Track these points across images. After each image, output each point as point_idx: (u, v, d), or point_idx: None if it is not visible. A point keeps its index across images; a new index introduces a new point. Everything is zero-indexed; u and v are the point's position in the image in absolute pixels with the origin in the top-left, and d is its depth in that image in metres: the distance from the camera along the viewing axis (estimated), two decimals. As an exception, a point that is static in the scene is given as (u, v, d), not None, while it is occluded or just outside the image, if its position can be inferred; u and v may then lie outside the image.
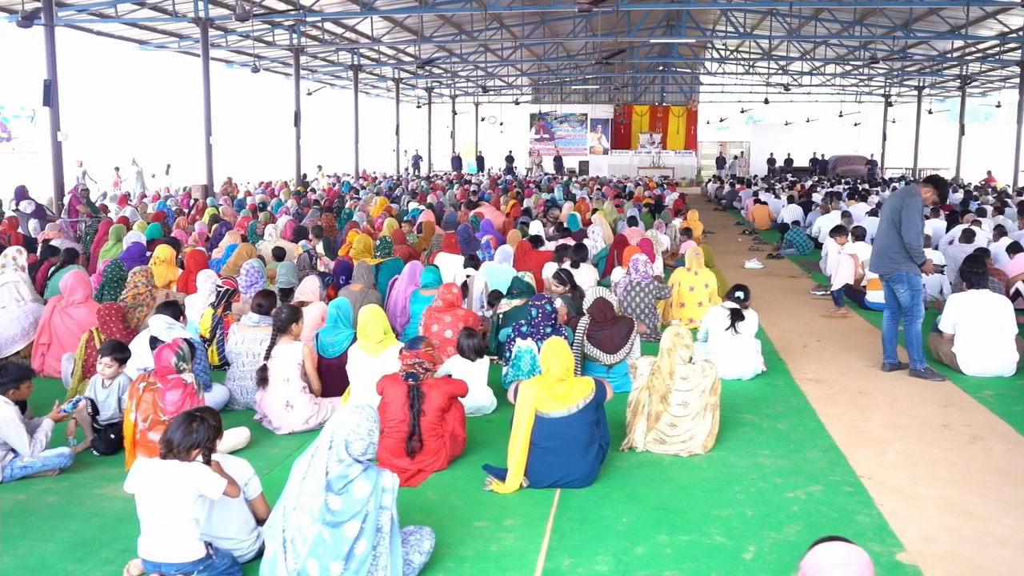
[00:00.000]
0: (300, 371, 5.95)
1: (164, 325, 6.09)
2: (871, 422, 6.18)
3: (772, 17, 26.97)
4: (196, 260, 9.10)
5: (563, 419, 4.87)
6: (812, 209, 18.55)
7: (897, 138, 42.09)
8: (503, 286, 9.27)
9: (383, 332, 6.03)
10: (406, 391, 5.16)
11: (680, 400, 5.44)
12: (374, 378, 5.81)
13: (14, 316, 7.39)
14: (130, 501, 4.62)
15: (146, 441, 5.13)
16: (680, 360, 5.47)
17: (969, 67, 32.02)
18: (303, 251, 10.27)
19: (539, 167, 42.82)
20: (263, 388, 5.90)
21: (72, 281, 7.46)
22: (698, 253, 9.51)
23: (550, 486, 4.92)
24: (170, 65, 29.31)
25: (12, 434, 4.97)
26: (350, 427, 3.71)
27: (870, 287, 10.37)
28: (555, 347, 4.98)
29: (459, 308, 7.37)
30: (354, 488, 3.69)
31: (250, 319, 6.47)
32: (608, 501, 4.80)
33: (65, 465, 5.16)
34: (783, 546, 4.26)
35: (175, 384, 5.19)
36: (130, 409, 5.16)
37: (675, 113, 45.51)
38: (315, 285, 7.70)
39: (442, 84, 41.45)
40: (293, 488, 3.74)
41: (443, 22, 26.87)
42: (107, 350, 5.54)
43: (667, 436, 5.49)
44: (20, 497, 4.84)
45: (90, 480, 5.11)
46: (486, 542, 4.31)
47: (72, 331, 7.22)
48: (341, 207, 17.72)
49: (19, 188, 14.76)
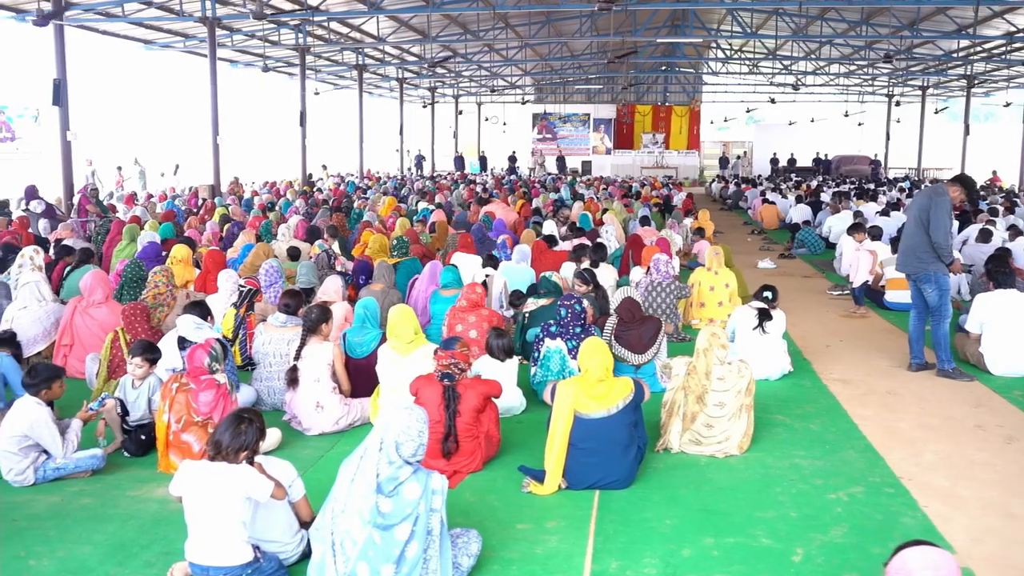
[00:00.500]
0: (330, 372, 5.90)
1: (192, 325, 6.03)
2: (903, 423, 6.13)
3: (778, 17, 26.90)
4: (214, 260, 9.05)
5: (602, 420, 4.82)
6: (822, 209, 18.48)
7: (900, 138, 42.04)
8: (522, 286, 9.24)
9: (413, 332, 5.98)
10: (441, 392, 5.11)
11: (717, 401, 5.39)
12: (405, 378, 5.77)
13: (36, 316, 7.32)
14: (166, 503, 4.62)
15: (179, 442, 5.09)
16: (716, 360, 5.42)
17: (974, 67, 31.95)
18: (321, 251, 10.21)
19: (542, 167, 42.75)
20: (293, 389, 5.84)
21: (91, 281, 7.41)
22: (718, 253, 9.47)
23: (589, 487, 4.87)
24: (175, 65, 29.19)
25: (45, 435, 4.92)
26: (400, 428, 3.66)
27: (889, 286, 10.33)
28: (594, 347, 4.93)
29: (483, 308, 7.32)
30: (404, 490, 3.65)
31: (277, 319, 6.41)
32: (649, 503, 4.75)
33: (98, 467, 5.11)
34: (831, 548, 4.21)
35: (208, 385, 5.14)
36: (163, 410, 5.12)
37: (678, 113, 45.48)
38: (338, 285, 7.65)
39: (445, 84, 41.37)
40: (341, 490, 3.69)
41: (448, 22, 26.80)
42: (138, 350, 5.48)
43: (703, 437, 5.44)
44: (54, 499, 4.79)
45: (123, 482, 5.05)
46: (530, 544, 4.26)
47: (94, 331, 7.17)
48: (350, 207, 17.66)
49: (29, 188, 14.69)
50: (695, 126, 45.52)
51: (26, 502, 4.74)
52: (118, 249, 11.24)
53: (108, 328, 7.20)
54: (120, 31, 23.01)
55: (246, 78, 32.11)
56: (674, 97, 46.77)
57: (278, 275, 8.71)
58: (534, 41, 29.85)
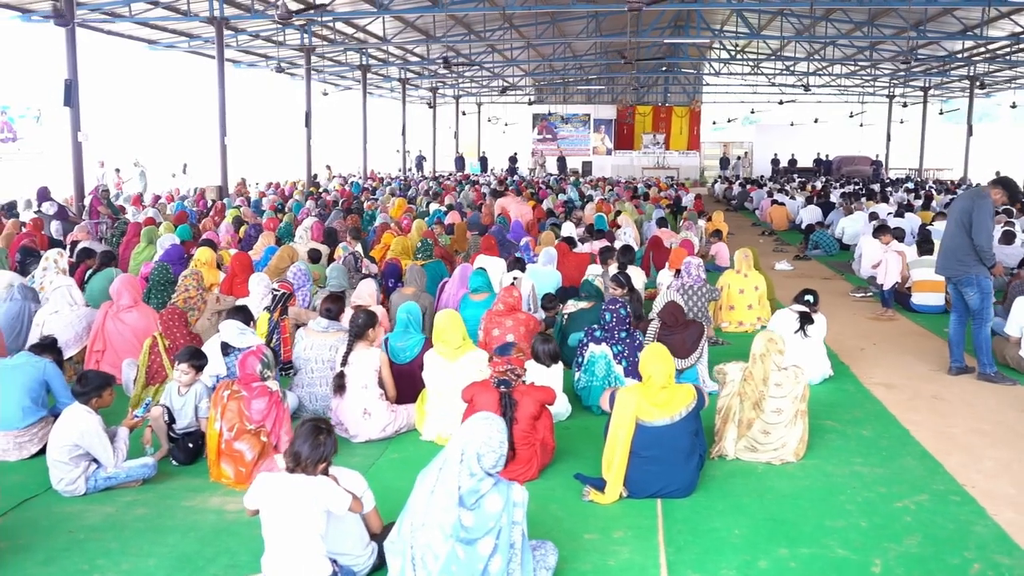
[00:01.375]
0: (377, 378, 5.80)
1: (236, 330, 5.94)
2: (955, 428, 6.07)
3: (783, 17, 26.87)
4: (241, 263, 8.94)
5: (666, 427, 4.74)
6: (834, 209, 18.43)
7: (901, 139, 42.06)
8: (549, 288, 9.16)
9: (462, 338, 5.89)
10: (498, 399, 5.02)
11: (774, 407, 5.31)
12: (453, 384, 5.70)
13: (67, 320, 7.20)
14: (223, 513, 4.54)
15: (231, 451, 4.99)
16: (774, 366, 5.34)
17: (976, 67, 31.96)
18: (347, 254, 10.11)
19: (542, 167, 42.67)
20: (340, 395, 5.75)
21: (119, 285, 7.30)
22: (747, 255, 9.40)
23: (650, 496, 4.79)
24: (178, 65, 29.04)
25: (96, 444, 4.82)
26: (482, 439, 3.57)
27: (916, 289, 10.28)
28: (657, 353, 4.85)
29: (520, 312, 7.24)
30: (486, 503, 3.56)
31: (319, 324, 6.32)
32: (713, 512, 4.67)
33: (149, 476, 5.01)
34: (908, 559, 4.14)
35: (260, 392, 5.05)
36: (214, 418, 5.02)
37: (678, 114, 45.38)
38: (372, 288, 7.55)
39: (446, 84, 41.27)
40: (419, 503, 3.60)
41: (454, 23, 26.70)
42: (184, 357, 5.38)
43: (759, 444, 5.36)
44: (108, 509, 4.69)
45: (175, 491, 4.95)
46: (602, 556, 4.18)
47: (126, 336, 7.07)
48: (360, 208, 17.55)
49: (41, 189, 14.56)
50: (695, 127, 45.43)
51: (79, 513, 4.64)
52: (136, 251, 11.12)
53: (140, 332, 7.11)
54: (125, 31, 22.87)
55: (249, 79, 31.97)
56: (674, 98, 46.72)
57: (307, 278, 8.64)
58: (539, 42, 29.77)
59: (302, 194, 21.11)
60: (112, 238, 13.00)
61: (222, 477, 5.02)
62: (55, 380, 5.59)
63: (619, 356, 6.32)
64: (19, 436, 5.37)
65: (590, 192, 23.47)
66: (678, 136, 45.32)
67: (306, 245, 11.58)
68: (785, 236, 18.57)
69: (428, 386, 5.88)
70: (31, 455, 5.41)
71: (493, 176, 35.48)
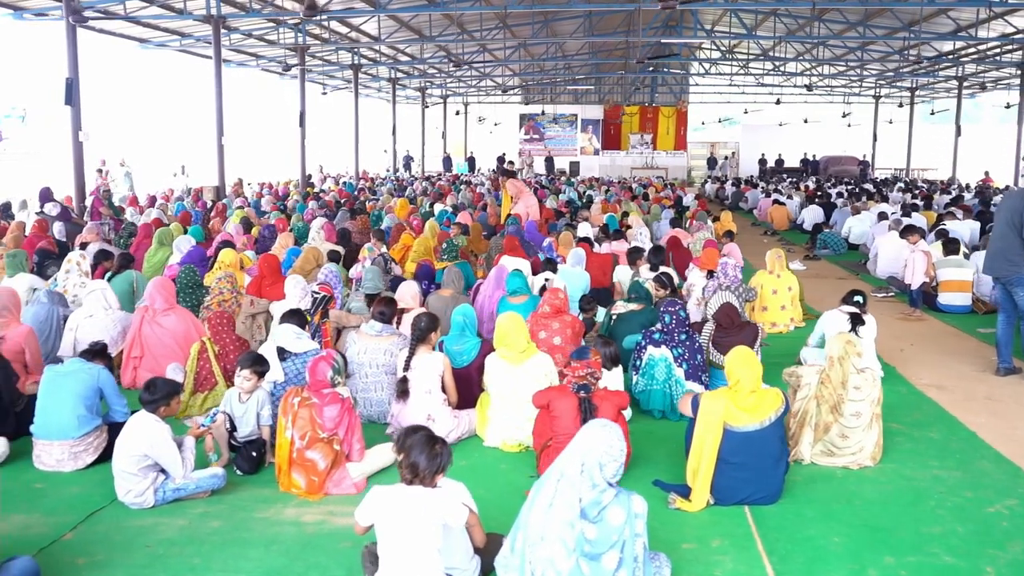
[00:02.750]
0: (440, 383, 5.66)
1: (292, 335, 5.77)
2: (1020, 430, 6.01)
3: (776, 17, 26.91)
4: (270, 265, 8.73)
5: (755, 433, 4.63)
6: (837, 209, 18.43)
7: (888, 139, 42.26)
8: (579, 290, 9.03)
9: (526, 341, 5.75)
10: (577, 404, 4.89)
11: (853, 411, 5.21)
12: (517, 388, 5.57)
13: (103, 325, 7.00)
14: (302, 526, 4.41)
15: (303, 460, 4.83)
16: (853, 368, 5.25)
17: (965, 68, 32.18)
18: (377, 255, 9.94)
19: (530, 168, 42.57)
20: (403, 401, 5.59)
21: (152, 289, 7.09)
22: (780, 256, 9.34)
23: (738, 503, 4.68)
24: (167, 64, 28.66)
25: (166, 454, 4.64)
26: (603, 448, 3.45)
27: (942, 288, 10.26)
28: (745, 358, 4.73)
29: (566, 314, 7.10)
30: (608, 515, 3.44)
31: (372, 328, 6.15)
32: (804, 519, 4.56)
33: (219, 487, 4.83)
34: (1018, 565, 4.05)
35: (332, 399, 4.89)
36: (284, 426, 4.85)
37: (665, 114, 45.38)
38: (415, 290, 7.37)
39: (433, 84, 41.06)
40: (536, 517, 3.47)
41: (450, 23, 26.52)
42: (247, 363, 5.20)
43: (836, 448, 5.26)
44: (180, 522, 4.51)
45: (246, 502, 4.78)
46: (706, 567, 4.06)
47: (164, 341, 6.87)
48: (363, 209, 17.35)
49: (44, 190, 14.26)
50: (682, 127, 45.46)
51: (152, 526, 4.46)
52: (149, 254, 10.86)
53: (179, 336, 6.92)
54: (116, 29, 22.45)
55: (239, 78, 31.61)
56: (661, 98, 46.76)
57: (338, 280, 8.47)
58: (531, 42, 29.65)
59: (300, 194, 20.82)
60: (119, 240, 12.72)
61: (292, 487, 4.85)
62: (109, 387, 5.39)
63: (679, 359, 6.20)
64: (74, 446, 5.17)
65: (589, 192, 23.35)
66: (665, 136, 45.33)
67: (321, 246, 11.39)
68: (787, 236, 18.54)
69: (491, 391, 5.74)
70: (86, 465, 5.22)
71: (483, 176, 35.33)
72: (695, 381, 6.23)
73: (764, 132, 45.62)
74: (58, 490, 4.88)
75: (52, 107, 14.73)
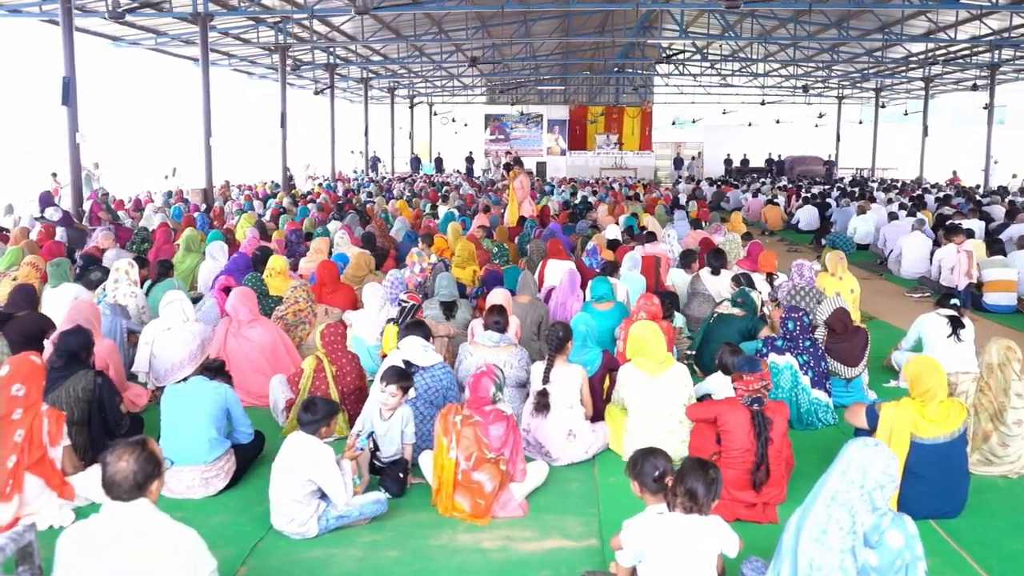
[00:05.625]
0: (580, 396, 5.42)
1: (419, 347, 5.47)
2: None
3: (754, 19, 27.06)
4: (330, 272, 8.39)
5: (946, 445, 4.48)
6: (839, 208, 18.53)
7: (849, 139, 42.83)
8: (637, 295, 8.83)
9: (665, 350, 5.54)
10: (750, 418, 4.69)
11: (1016, 418, 5.10)
12: (657, 400, 5.37)
13: (182, 338, 6.60)
14: (484, 552, 4.19)
15: (469, 482, 4.56)
16: (1015, 375, 5.13)
17: (931, 69, 32.76)
18: (438, 260, 9.64)
19: (497, 168, 42.27)
20: (542, 415, 5.33)
21: (235, 300, 6.72)
22: (842, 258, 9.26)
23: (924, 517, 4.52)
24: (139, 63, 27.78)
25: (331, 479, 4.33)
26: (880, 468, 3.25)
27: (987, 289, 10.29)
28: (933, 366, 4.58)
29: (661, 320, 6.91)
30: (888, 539, 3.23)
31: (489, 338, 5.87)
32: (998, 532, 4.45)
33: (381, 512, 4.53)
34: None
35: (496, 416, 4.63)
36: (448, 447, 4.57)
37: (630, 114, 45.49)
38: (506, 296, 7.11)
39: (400, 85, 40.57)
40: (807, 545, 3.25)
41: (431, 23, 26.16)
42: (394, 378, 4.87)
43: (995, 457, 5.15)
44: (355, 553, 4.21)
45: (410, 528, 4.48)
46: (936, 588, 3.90)
47: (251, 355, 6.51)
48: (362, 210, 16.97)
49: (43, 194, 13.65)
50: (647, 127, 45.60)
51: (327, 558, 4.15)
52: (177, 260, 10.39)
53: (267, 349, 6.59)
54: (90, 27, 21.62)
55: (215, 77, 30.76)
56: (625, 98, 46.87)
57: (402, 287, 8.16)
58: (508, 42, 29.40)
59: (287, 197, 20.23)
60: (131, 246, 12.18)
61: (454, 510, 4.58)
62: (236, 407, 5.05)
63: (804, 367, 6.05)
64: (206, 471, 4.82)
65: (582, 194, 23.21)
66: (630, 137, 45.39)
67: (347, 250, 11.03)
68: (786, 236, 18.60)
69: (628, 403, 5.50)
70: (217, 491, 4.87)
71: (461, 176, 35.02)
72: (820, 389, 6.09)
73: (727, 132, 45.96)
74: (202, 520, 4.51)
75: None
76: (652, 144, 45.61)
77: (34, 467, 4.51)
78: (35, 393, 4.55)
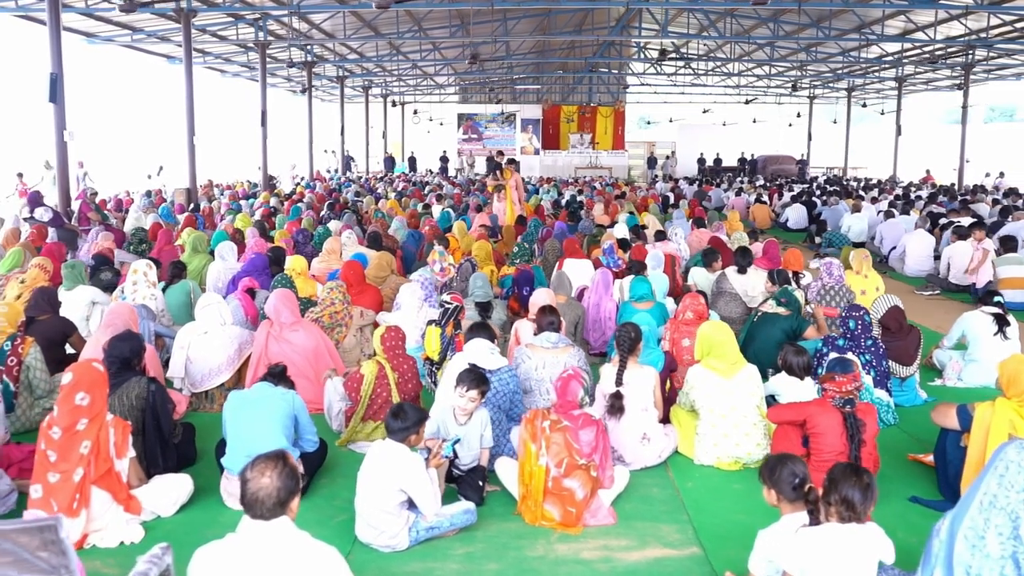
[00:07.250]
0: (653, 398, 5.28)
1: (486, 350, 5.28)
2: None
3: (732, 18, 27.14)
4: (356, 272, 8.16)
5: (1043, 444, 4.40)
6: (830, 207, 18.60)
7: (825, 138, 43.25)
8: (661, 293, 8.74)
9: (737, 351, 5.41)
10: (842, 419, 4.58)
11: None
12: (730, 403, 5.24)
13: (220, 342, 6.35)
14: (590, 563, 4.05)
15: (560, 489, 4.40)
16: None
17: (904, 69, 33.12)
18: (464, 260, 9.45)
19: (471, 168, 42.08)
20: (616, 418, 5.17)
21: (276, 302, 6.50)
22: (866, 256, 9.24)
23: (1019, 519, 4.45)
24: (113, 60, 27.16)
25: (423, 489, 4.14)
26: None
27: (1003, 286, 10.32)
28: (1023, 363, 4.51)
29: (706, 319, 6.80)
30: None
31: (547, 340, 5.70)
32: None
33: (471, 523, 4.35)
34: None
35: (586, 421, 4.47)
36: (539, 453, 4.40)
37: (603, 114, 45.54)
38: (550, 297, 6.95)
39: (374, 84, 40.19)
40: (963, 552, 3.15)
41: (412, 21, 25.87)
42: (472, 382, 4.67)
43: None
44: (454, 566, 4.03)
45: (502, 538, 4.31)
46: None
47: (293, 359, 6.25)
48: (356, 209, 16.72)
49: (32, 195, 13.23)
50: (620, 127, 45.67)
51: (425, 572, 3.97)
52: (184, 260, 10.06)
53: (309, 352, 6.37)
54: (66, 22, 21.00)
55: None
56: (598, 98, 46.90)
57: (433, 288, 7.98)
58: (488, 40, 29.22)
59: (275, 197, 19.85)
60: (129, 246, 11.84)
61: (543, 519, 4.41)
62: (303, 414, 4.83)
63: (867, 366, 5.96)
64: (276, 481, 4.60)
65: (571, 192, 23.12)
66: (603, 136, 45.44)
67: (353, 250, 10.80)
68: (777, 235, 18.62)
69: (700, 406, 5.37)
70: (288, 503, 4.65)
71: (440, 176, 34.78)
72: (881, 388, 6.01)
73: (699, 132, 46.17)
74: (281, 534, 4.30)
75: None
76: (624, 143, 45.73)
77: (100, 480, 4.28)
78: (100, 402, 4.32)
